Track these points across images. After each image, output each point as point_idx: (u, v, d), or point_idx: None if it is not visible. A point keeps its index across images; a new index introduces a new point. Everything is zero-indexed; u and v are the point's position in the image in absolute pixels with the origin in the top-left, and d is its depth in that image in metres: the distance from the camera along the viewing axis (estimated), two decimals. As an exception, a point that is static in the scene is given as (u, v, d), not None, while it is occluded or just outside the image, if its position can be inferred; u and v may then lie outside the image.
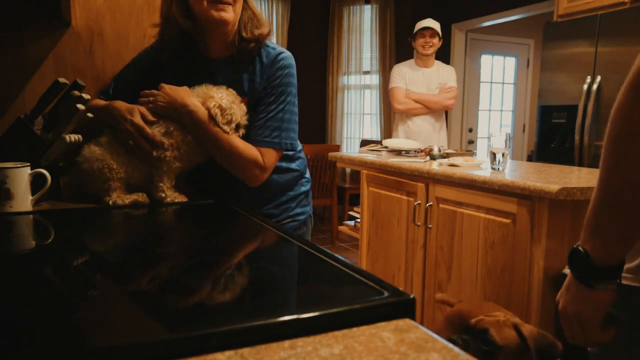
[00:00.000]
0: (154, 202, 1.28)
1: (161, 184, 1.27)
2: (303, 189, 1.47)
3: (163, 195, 1.27)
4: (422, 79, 3.53)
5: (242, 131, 1.28)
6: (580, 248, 0.80)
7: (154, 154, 1.24)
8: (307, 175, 1.52)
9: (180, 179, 1.37)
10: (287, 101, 1.30)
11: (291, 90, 1.31)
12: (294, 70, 1.33)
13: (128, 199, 1.25)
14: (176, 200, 1.28)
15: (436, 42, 3.47)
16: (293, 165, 1.44)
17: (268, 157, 1.29)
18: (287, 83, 1.30)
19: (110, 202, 1.24)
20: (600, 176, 0.75)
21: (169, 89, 1.25)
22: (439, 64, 3.61)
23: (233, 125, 1.25)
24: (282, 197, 1.42)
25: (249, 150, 1.27)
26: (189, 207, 1.30)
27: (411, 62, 3.63)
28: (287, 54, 1.33)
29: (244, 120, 1.28)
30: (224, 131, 1.23)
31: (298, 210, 1.45)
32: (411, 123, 3.53)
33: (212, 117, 1.22)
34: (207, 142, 1.26)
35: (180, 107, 1.22)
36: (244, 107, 1.29)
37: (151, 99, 1.25)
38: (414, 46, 3.57)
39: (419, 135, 3.46)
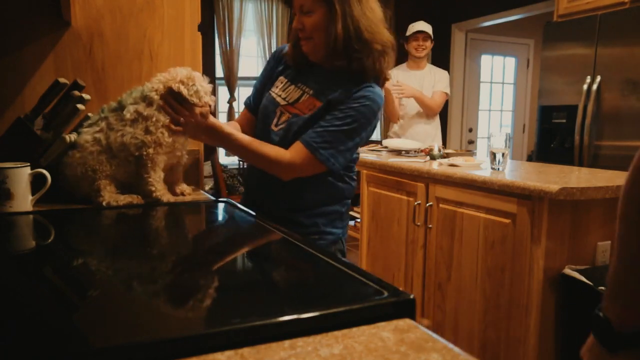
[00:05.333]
0: (152, 202, 1.27)
1: (150, 179, 1.26)
2: (338, 208, 1.44)
3: (152, 188, 1.26)
4: (415, 81, 3.54)
5: (206, 108, 1.28)
6: (601, 314, 0.79)
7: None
8: (349, 202, 1.49)
9: (177, 176, 1.37)
10: (353, 127, 1.29)
11: (363, 121, 1.30)
12: (376, 108, 1.32)
13: (122, 200, 1.25)
14: (165, 197, 1.27)
15: (428, 45, 3.52)
16: (339, 184, 1.41)
17: (304, 157, 1.29)
18: (362, 111, 1.29)
19: (104, 203, 1.23)
20: (618, 245, 0.75)
21: (195, 113, 1.26)
22: (432, 68, 3.63)
23: (204, 97, 1.24)
24: (315, 208, 1.40)
25: (271, 148, 1.31)
26: (189, 206, 1.30)
27: (403, 66, 3.66)
28: (378, 90, 1.34)
29: (208, 99, 1.28)
30: (194, 103, 1.23)
31: (328, 229, 1.41)
32: (405, 124, 3.55)
33: (178, 93, 1.22)
34: (235, 151, 1.35)
35: (205, 129, 1.27)
36: (206, 86, 1.28)
37: (182, 120, 1.25)
38: (406, 48, 3.59)
39: (414, 138, 3.47)
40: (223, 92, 5.16)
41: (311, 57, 1.37)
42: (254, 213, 1.17)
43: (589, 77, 3.06)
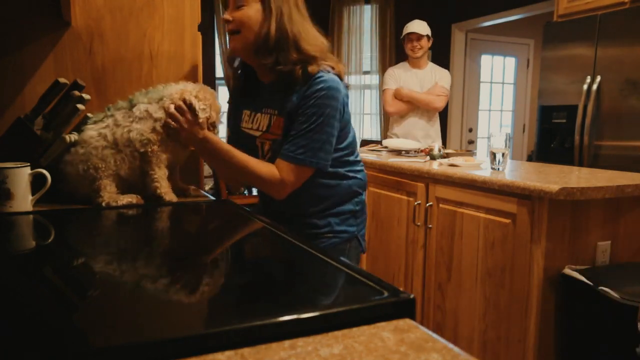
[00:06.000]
0: (152, 202, 1.27)
1: (155, 176, 1.28)
2: (351, 207, 1.45)
3: (157, 185, 1.28)
4: (416, 80, 3.52)
5: (215, 130, 1.31)
6: None
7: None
8: (362, 196, 1.49)
9: (175, 176, 1.37)
10: (320, 121, 1.28)
11: (327, 111, 1.29)
12: (334, 93, 1.29)
13: (122, 200, 1.25)
14: (168, 195, 1.28)
15: (424, 44, 3.47)
16: (344, 183, 1.42)
17: (289, 171, 1.30)
18: (321, 104, 1.28)
19: (104, 204, 1.23)
20: None
21: (193, 119, 1.28)
22: (433, 66, 3.60)
23: (209, 113, 1.28)
24: (327, 210, 1.41)
25: (265, 168, 1.31)
26: (189, 206, 1.30)
27: (405, 64, 3.65)
28: (328, 76, 1.30)
29: (217, 118, 1.32)
30: (199, 118, 1.26)
31: (341, 228, 1.43)
32: (405, 124, 3.54)
33: (190, 107, 1.26)
34: (226, 168, 1.34)
35: (200, 140, 1.29)
36: (218, 105, 1.33)
37: (174, 125, 1.27)
38: (405, 49, 3.59)
39: (413, 138, 3.46)
40: (223, 92, 5.16)
41: (238, 53, 1.37)
42: (253, 213, 1.17)
43: (589, 77, 3.06)
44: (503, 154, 2.07)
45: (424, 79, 3.53)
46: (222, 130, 1.50)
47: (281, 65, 1.28)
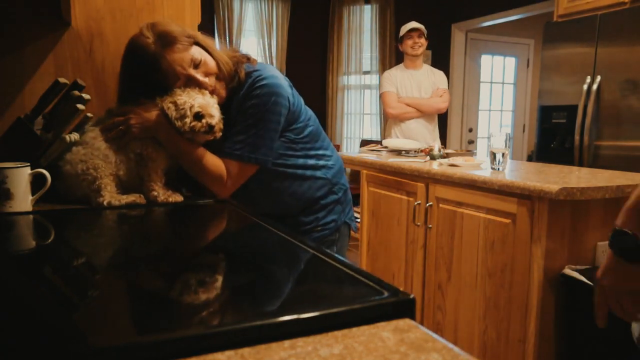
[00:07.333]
0: (152, 202, 1.27)
1: (152, 183, 1.27)
2: (334, 197, 1.47)
3: (155, 194, 1.26)
4: (413, 81, 3.54)
5: (218, 134, 1.27)
6: (628, 231, 0.93)
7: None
8: (342, 182, 1.50)
9: (171, 176, 1.37)
10: (260, 118, 1.29)
11: (267, 107, 1.29)
12: (274, 89, 1.30)
13: (125, 199, 1.24)
14: (170, 199, 1.27)
15: (424, 42, 3.53)
16: (318, 174, 1.43)
17: (230, 168, 1.30)
18: (260, 102, 1.29)
19: (105, 203, 1.22)
20: None
21: (139, 109, 1.26)
22: (428, 67, 3.63)
23: (187, 120, 1.22)
24: (311, 205, 1.43)
25: (216, 165, 1.29)
26: (188, 207, 1.30)
27: (400, 66, 3.66)
28: (267, 73, 1.32)
29: (219, 122, 1.27)
30: (176, 127, 1.23)
31: (328, 219, 1.46)
32: (404, 126, 3.54)
33: (165, 113, 1.23)
34: (179, 155, 1.29)
35: (153, 123, 1.25)
36: (213, 103, 1.28)
37: (122, 127, 1.25)
38: (402, 49, 3.60)
39: (413, 138, 3.47)
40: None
41: (225, 98, 1.32)
42: (253, 213, 1.17)
43: (589, 77, 3.05)
44: (503, 154, 2.07)
45: (422, 80, 3.54)
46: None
47: (236, 77, 1.32)
